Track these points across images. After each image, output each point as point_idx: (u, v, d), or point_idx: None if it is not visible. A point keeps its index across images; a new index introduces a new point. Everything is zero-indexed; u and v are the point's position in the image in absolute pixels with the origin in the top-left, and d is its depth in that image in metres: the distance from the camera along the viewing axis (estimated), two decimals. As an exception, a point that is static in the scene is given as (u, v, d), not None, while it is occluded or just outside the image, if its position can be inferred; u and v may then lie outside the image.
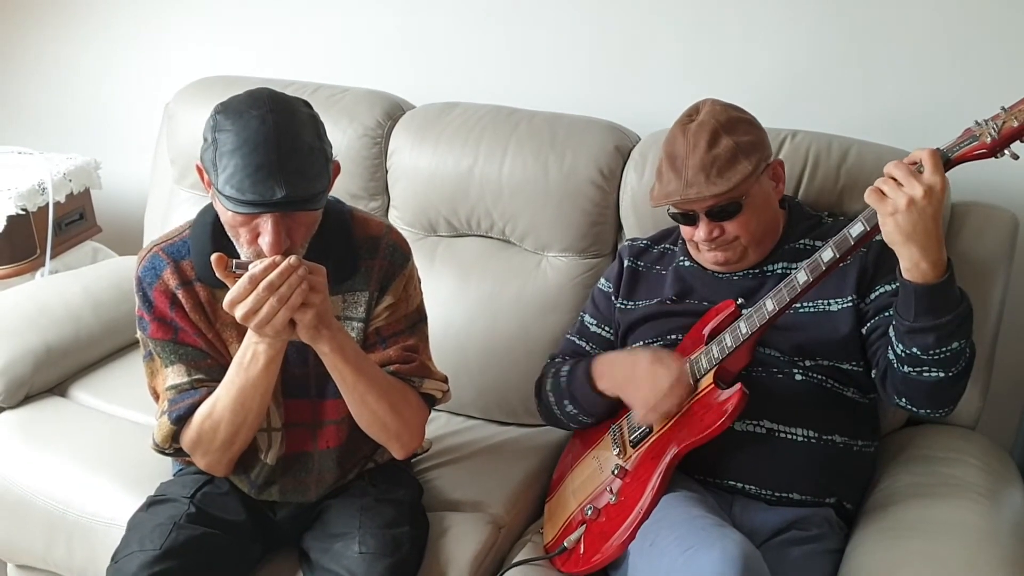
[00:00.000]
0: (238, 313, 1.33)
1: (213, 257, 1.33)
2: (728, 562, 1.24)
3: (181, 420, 1.48)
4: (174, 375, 1.50)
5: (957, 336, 1.35)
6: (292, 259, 1.32)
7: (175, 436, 1.50)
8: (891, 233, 1.29)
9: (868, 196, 1.30)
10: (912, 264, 1.31)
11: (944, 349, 1.35)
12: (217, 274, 1.34)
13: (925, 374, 1.39)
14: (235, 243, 1.40)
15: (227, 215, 1.37)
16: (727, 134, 1.54)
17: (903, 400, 1.46)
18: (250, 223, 1.35)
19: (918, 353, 1.36)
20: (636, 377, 1.55)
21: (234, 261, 1.35)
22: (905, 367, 1.40)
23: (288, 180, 1.30)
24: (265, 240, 1.34)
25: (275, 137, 1.31)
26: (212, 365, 1.51)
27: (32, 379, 1.98)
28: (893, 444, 1.73)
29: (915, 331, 1.35)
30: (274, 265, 1.32)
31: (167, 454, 1.55)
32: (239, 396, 1.43)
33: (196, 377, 1.50)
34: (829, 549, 1.49)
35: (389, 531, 1.53)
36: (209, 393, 1.47)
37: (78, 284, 2.21)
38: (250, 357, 1.41)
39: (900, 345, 1.39)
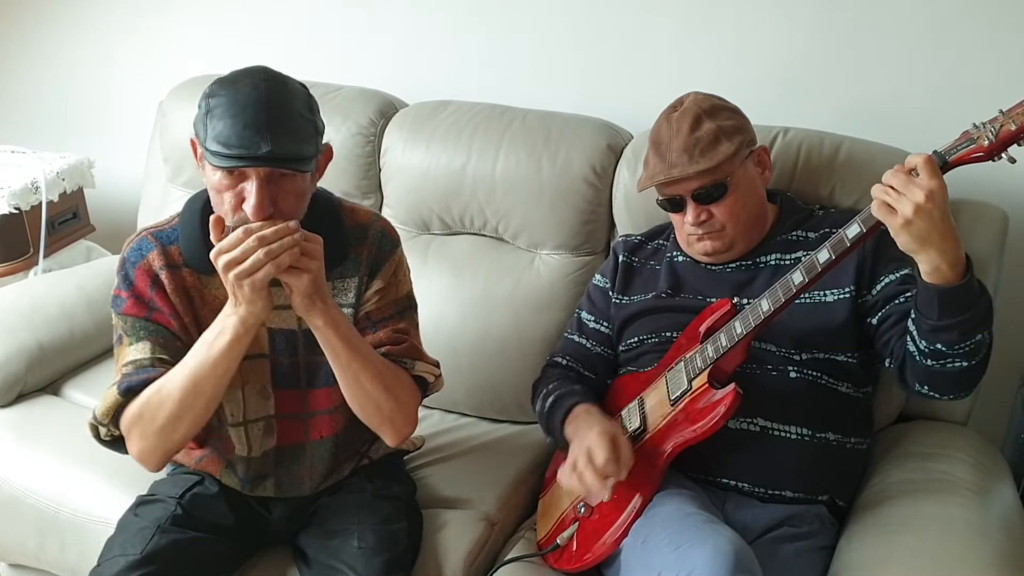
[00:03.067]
0: (221, 261, 1.30)
1: (212, 217, 1.33)
2: (719, 558, 1.24)
3: (130, 392, 1.41)
4: (136, 351, 1.45)
5: (980, 328, 1.35)
6: (292, 223, 1.32)
7: (118, 412, 1.43)
8: (907, 243, 1.28)
9: (877, 212, 1.29)
10: (932, 268, 1.30)
11: (968, 342, 1.35)
12: (212, 237, 1.32)
13: (949, 365, 1.38)
14: (219, 211, 1.37)
15: (214, 179, 1.36)
16: (709, 119, 1.58)
17: (925, 388, 1.46)
18: (235, 186, 1.34)
19: (943, 348, 1.36)
20: (585, 437, 1.49)
21: (228, 227, 1.34)
22: (928, 361, 1.39)
23: (275, 137, 1.30)
24: (249, 203, 1.33)
25: (265, 99, 1.32)
26: (180, 348, 1.44)
27: (25, 377, 1.98)
28: (885, 440, 1.73)
29: (939, 329, 1.34)
30: (272, 223, 1.31)
31: (102, 440, 1.48)
32: (194, 374, 1.38)
33: (159, 356, 1.44)
34: (821, 546, 1.49)
35: (387, 527, 1.54)
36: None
37: (72, 282, 2.21)
38: (217, 332, 1.37)
39: (924, 342, 1.38)
